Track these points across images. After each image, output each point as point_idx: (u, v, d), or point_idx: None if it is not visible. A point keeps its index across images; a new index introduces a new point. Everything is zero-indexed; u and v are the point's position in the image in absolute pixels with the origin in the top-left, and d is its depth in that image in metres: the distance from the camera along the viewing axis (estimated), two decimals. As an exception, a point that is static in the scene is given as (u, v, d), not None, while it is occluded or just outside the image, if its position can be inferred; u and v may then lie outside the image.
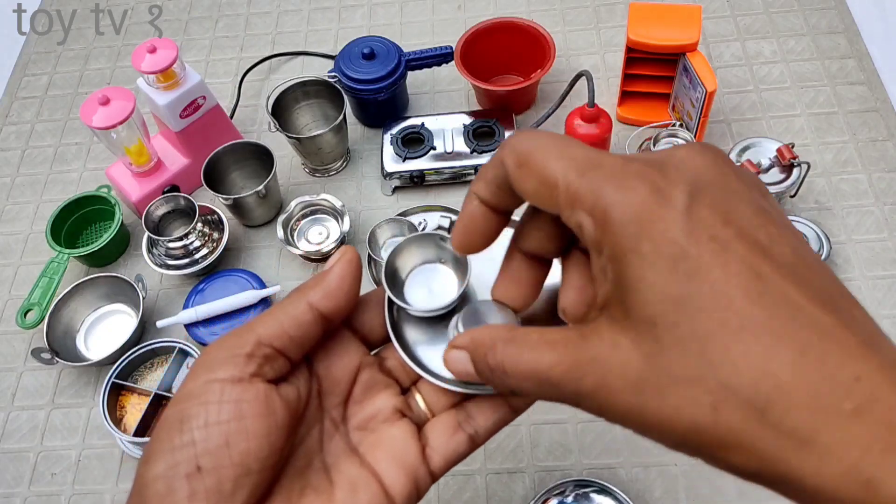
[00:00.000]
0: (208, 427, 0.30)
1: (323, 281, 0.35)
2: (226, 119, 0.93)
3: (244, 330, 0.33)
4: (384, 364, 0.38)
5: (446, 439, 0.36)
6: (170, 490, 0.29)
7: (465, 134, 0.89)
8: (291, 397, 0.33)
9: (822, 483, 0.22)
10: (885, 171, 0.87)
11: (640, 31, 0.82)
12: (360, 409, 0.36)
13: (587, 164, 0.26)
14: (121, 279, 0.84)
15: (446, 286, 0.40)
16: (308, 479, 0.33)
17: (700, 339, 0.23)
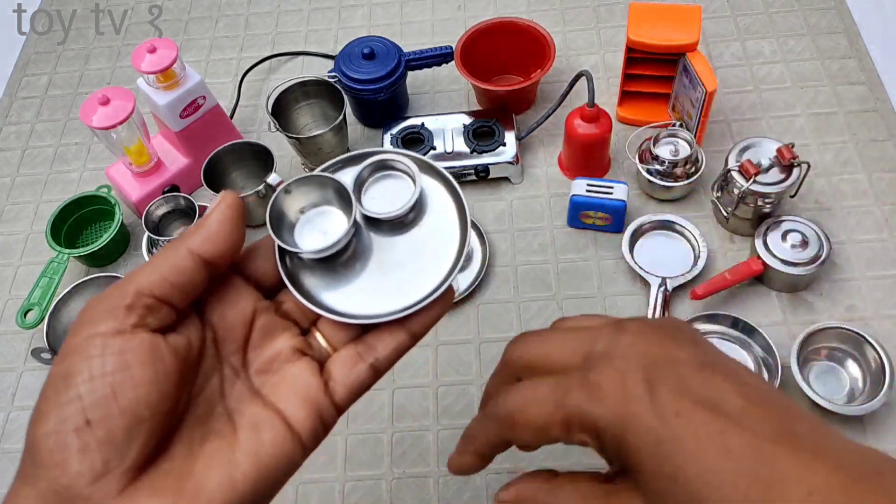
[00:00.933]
0: (93, 380, 0.30)
1: (202, 226, 0.35)
2: (226, 119, 0.93)
3: (123, 282, 0.33)
4: (281, 308, 0.38)
5: (347, 371, 0.36)
6: (61, 445, 0.29)
7: (465, 134, 0.89)
8: (180, 345, 0.33)
9: None
10: (885, 171, 0.87)
11: (640, 31, 0.82)
12: (260, 354, 0.37)
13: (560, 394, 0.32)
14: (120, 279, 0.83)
15: (337, 227, 0.40)
16: (210, 425, 0.34)
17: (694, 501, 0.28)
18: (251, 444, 0.33)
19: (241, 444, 0.33)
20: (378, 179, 0.42)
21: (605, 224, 0.84)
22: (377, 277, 0.39)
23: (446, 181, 0.42)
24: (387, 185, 0.42)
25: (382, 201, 0.41)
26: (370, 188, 0.42)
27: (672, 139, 0.84)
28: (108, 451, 0.29)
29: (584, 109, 0.83)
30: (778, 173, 0.77)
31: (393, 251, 0.40)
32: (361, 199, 0.41)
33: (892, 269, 0.80)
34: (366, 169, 0.41)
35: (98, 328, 0.31)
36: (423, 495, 0.72)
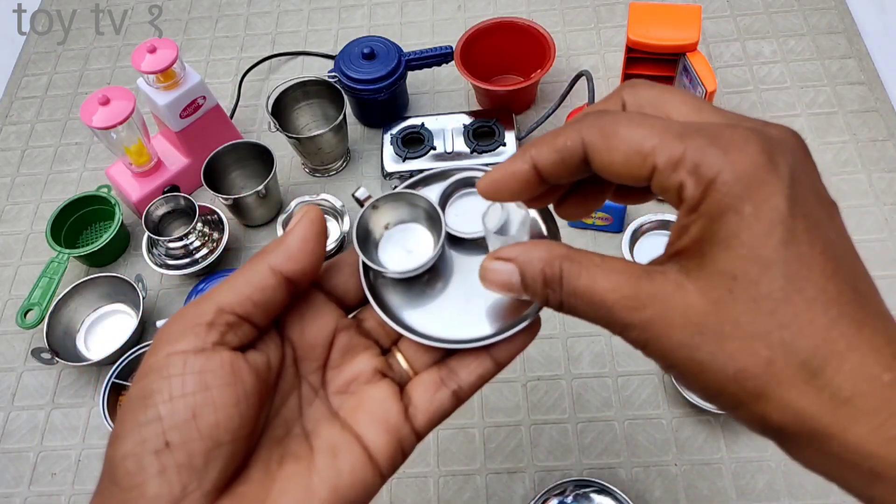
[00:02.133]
0: (173, 401, 0.29)
1: (284, 243, 0.34)
2: (226, 119, 0.93)
3: (204, 299, 0.32)
4: (362, 326, 0.37)
5: (429, 397, 0.35)
6: (139, 468, 0.28)
7: (465, 134, 0.89)
8: (260, 364, 0.32)
9: (850, 438, 0.24)
10: (885, 171, 0.87)
11: (640, 31, 0.82)
12: (339, 373, 0.36)
13: (685, 130, 0.27)
14: (121, 279, 0.84)
15: (421, 245, 0.39)
16: (287, 447, 0.33)
17: (776, 300, 0.25)
18: (329, 471, 0.32)
19: (318, 468, 0.32)
20: (462, 196, 0.41)
21: (605, 224, 0.84)
22: (462, 300, 0.38)
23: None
24: (471, 203, 0.41)
25: (467, 219, 0.39)
26: (453, 205, 0.41)
27: (672, 139, 0.84)
28: (187, 475, 0.29)
29: (584, 109, 0.83)
30: (778, 173, 0.77)
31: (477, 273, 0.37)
32: (445, 215, 0.39)
33: (892, 269, 0.80)
34: (451, 186, 0.40)
35: (178, 346, 0.30)
36: (423, 495, 0.72)
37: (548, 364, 0.77)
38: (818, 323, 0.25)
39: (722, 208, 0.26)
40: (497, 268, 0.32)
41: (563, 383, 0.76)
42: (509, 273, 0.31)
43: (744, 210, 0.26)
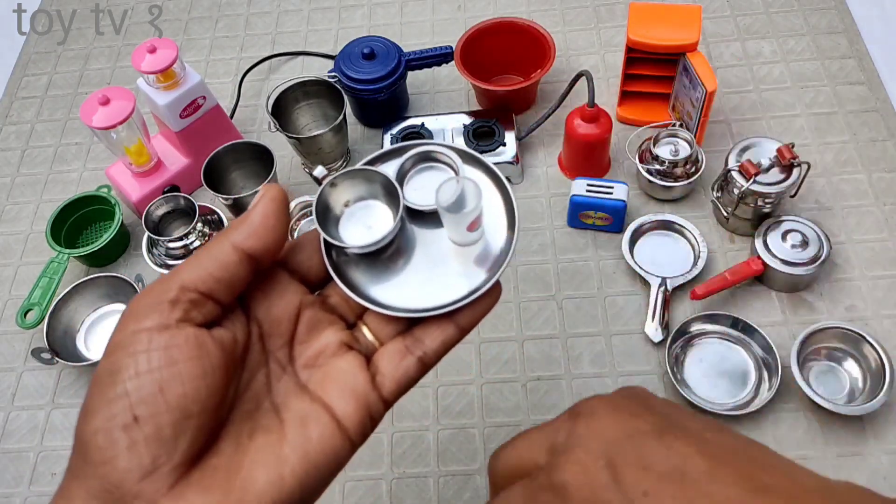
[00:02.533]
0: (140, 376, 0.30)
1: (246, 220, 0.34)
2: (226, 119, 0.93)
3: (167, 277, 0.33)
4: (327, 302, 0.38)
5: (395, 364, 0.36)
6: (109, 442, 0.29)
7: (465, 134, 0.89)
8: (226, 339, 0.33)
9: None
10: (885, 171, 0.87)
11: (640, 31, 0.82)
12: (307, 348, 0.36)
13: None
14: (121, 279, 0.84)
15: (381, 220, 0.40)
16: (257, 420, 0.34)
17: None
18: (299, 440, 0.33)
19: (289, 439, 0.33)
20: (420, 171, 0.42)
21: (605, 224, 0.84)
22: (424, 271, 0.39)
23: (491, 173, 0.41)
24: (429, 177, 0.42)
25: (425, 193, 0.40)
26: (412, 179, 0.42)
27: (672, 139, 0.84)
28: (156, 448, 0.29)
29: (584, 109, 0.83)
30: (778, 173, 0.77)
31: (438, 244, 0.40)
32: (404, 190, 0.41)
33: (892, 269, 0.80)
34: (408, 160, 0.41)
35: (142, 323, 0.31)
36: (423, 495, 0.72)
37: (548, 364, 0.77)
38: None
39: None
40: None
41: (563, 383, 0.76)
42: None
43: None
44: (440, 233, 0.40)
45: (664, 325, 0.77)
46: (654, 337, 0.76)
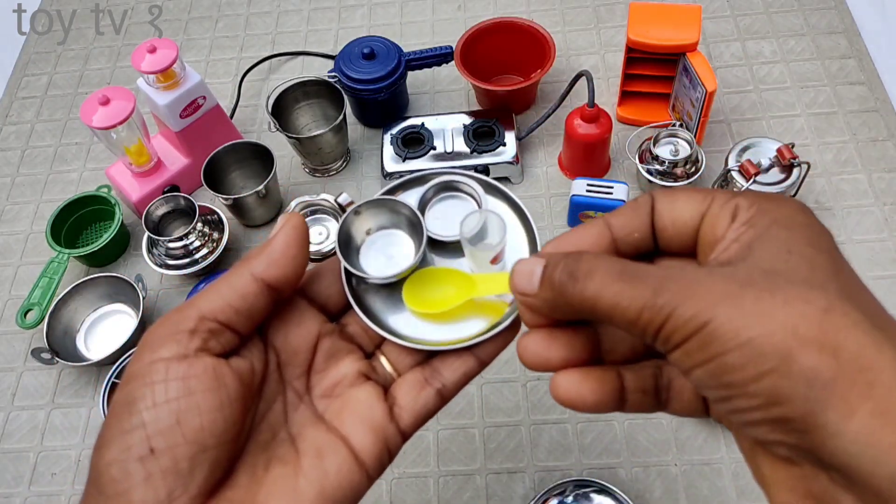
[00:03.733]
0: (157, 407, 0.29)
1: (266, 249, 0.34)
2: (226, 119, 0.93)
3: (186, 306, 0.32)
4: (345, 331, 0.38)
5: (414, 396, 0.36)
6: (125, 474, 0.28)
7: (465, 134, 0.89)
8: (244, 370, 0.32)
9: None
10: (885, 171, 0.87)
11: (640, 31, 0.82)
12: (324, 377, 0.36)
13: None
14: (121, 279, 0.84)
15: (403, 250, 0.40)
16: (273, 451, 0.33)
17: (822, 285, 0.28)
18: (315, 473, 0.32)
19: (305, 471, 0.32)
20: (442, 200, 0.42)
21: (605, 224, 0.84)
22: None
23: (513, 203, 0.41)
24: (451, 207, 0.42)
25: (447, 223, 0.40)
26: (434, 208, 0.42)
27: (672, 139, 0.84)
28: (172, 481, 0.29)
29: (584, 109, 0.83)
30: (778, 173, 0.77)
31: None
32: (426, 219, 0.40)
33: (892, 269, 0.80)
34: (430, 190, 0.41)
35: (160, 353, 0.30)
36: (423, 495, 0.72)
37: (548, 364, 0.77)
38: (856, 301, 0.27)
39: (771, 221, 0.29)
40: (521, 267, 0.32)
41: (563, 383, 0.76)
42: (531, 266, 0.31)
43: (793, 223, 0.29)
44: (461, 263, 0.40)
45: (664, 325, 0.77)
46: (654, 337, 0.76)
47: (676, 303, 0.27)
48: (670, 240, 0.32)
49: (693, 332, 0.27)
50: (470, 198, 0.42)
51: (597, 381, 0.32)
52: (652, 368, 0.34)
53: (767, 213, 0.29)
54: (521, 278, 0.32)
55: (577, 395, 0.32)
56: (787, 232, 0.29)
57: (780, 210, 0.30)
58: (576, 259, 0.30)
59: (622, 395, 0.33)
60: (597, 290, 0.29)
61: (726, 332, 0.26)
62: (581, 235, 0.33)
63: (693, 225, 0.31)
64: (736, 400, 0.26)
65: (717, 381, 0.27)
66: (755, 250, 0.28)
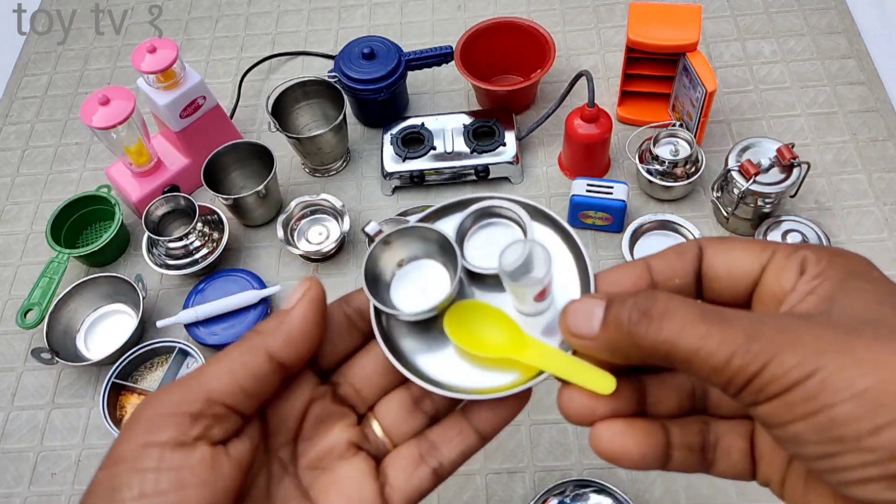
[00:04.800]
0: (144, 498, 0.27)
1: (283, 324, 0.31)
2: (226, 119, 0.93)
3: (193, 380, 0.30)
4: (337, 391, 0.35)
5: (407, 475, 0.33)
6: None
7: (465, 134, 0.89)
8: (243, 454, 0.30)
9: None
10: (885, 171, 0.87)
11: (640, 31, 0.82)
12: (312, 446, 0.33)
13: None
14: (121, 279, 0.84)
15: (438, 283, 0.35)
16: None
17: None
18: None
19: None
20: (483, 227, 0.37)
21: (605, 224, 0.84)
22: None
23: (563, 231, 0.37)
24: (493, 234, 0.37)
25: (488, 252, 0.35)
26: (474, 237, 0.37)
27: (672, 139, 0.84)
28: None
29: (584, 109, 0.83)
30: (778, 173, 0.77)
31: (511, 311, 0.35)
32: (465, 249, 0.36)
33: (892, 269, 0.80)
34: (469, 217, 0.37)
35: (156, 436, 0.28)
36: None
37: (548, 364, 0.77)
38: None
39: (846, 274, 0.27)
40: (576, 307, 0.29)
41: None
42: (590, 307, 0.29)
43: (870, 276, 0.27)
44: (504, 297, 0.35)
45: (664, 325, 0.77)
46: (654, 337, 0.76)
47: (775, 350, 0.25)
48: (722, 290, 0.30)
49: (797, 381, 0.25)
50: (515, 224, 0.37)
51: (642, 433, 0.30)
52: (699, 424, 0.32)
53: (839, 265, 0.28)
54: (578, 319, 0.29)
55: (621, 448, 0.30)
56: (868, 284, 0.27)
57: (851, 263, 0.28)
58: (649, 297, 0.28)
59: (667, 450, 0.31)
60: (677, 331, 0.27)
61: (837, 381, 0.24)
62: (620, 274, 0.32)
63: (752, 276, 0.30)
64: (846, 456, 0.24)
65: (824, 435, 0.24)
66: (839, 302, 0.26)
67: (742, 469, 0.31)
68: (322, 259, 0.87)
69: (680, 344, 0.26)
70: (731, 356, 0.25)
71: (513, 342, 0.34)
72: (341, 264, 0.87)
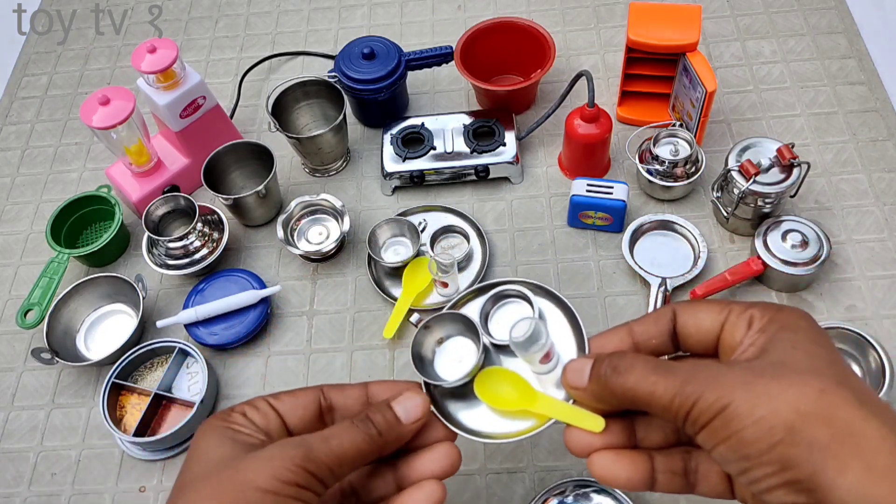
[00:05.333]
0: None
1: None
2: (226, 119, 0.93)
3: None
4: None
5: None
6: None
7: (465, 134, 0.89)
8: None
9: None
10: (885, 171, 0.87)
11: (640, 31, 0.82)
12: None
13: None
14: (121, 279, 0.84)
15: (470, 354, 0.48)
16: None
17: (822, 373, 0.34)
18: None
19: None
20: (501, 307, 0.52)
21: (605, 224, 0.84)
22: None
23: (561, 302, 0.49)
24: (509, 312, 0.51)
25: (506, 327, 0.48)
26: (495, 315, 0.52)
27: (672, 139, 0.84)
28: None
29: (584, 109, 0.83)
30: (778, 173, 0.77)
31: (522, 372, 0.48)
32: (489, 326, 0.50)
33: (892, 269, 0.80)
34: (487, 302, 0.51)
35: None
36: None
37: (548, 364, 0.77)
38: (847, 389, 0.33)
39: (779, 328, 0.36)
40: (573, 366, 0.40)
41: (563, 383, 0.76)
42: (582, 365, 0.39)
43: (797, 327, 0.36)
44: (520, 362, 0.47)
45: (664, 325, 0.77)
46: (654, 337, 0.76)
47: (702, 390, 0.33)
48: (695, 344, 0.39)
49: (716, 413, 0.33)
50: (524, 301, 0.50)
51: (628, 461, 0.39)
52: (682, 453, 0.40)
53: (776, 320, 0.36)
54: (573, 375, 0.40)
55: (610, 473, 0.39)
56: (793, 334, 0.35)
57: (787, 317, 0.36)
58: (619, 356, 0.38)
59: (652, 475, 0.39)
60: (636, 381, 0.36)
61: (743, 411, 0.32)
62: (607, 338, 0.41)
63: (714, 332, 0.38)
64: (755, 470, 0.32)
65: (737, 454, 0.32)
66: (767, 350, 0.35)
67: (721, 489, 0.39)
68: (322, 259, 0.87)
69: (638, 390, 0.36)
70: (673, 397, 0.34)
71: (525, 397, 0.46)
72: (341, 264, 0.87)
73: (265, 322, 0.82)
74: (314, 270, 0.87)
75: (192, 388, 0.79)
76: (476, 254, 0.84)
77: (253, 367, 0.80)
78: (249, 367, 0.81)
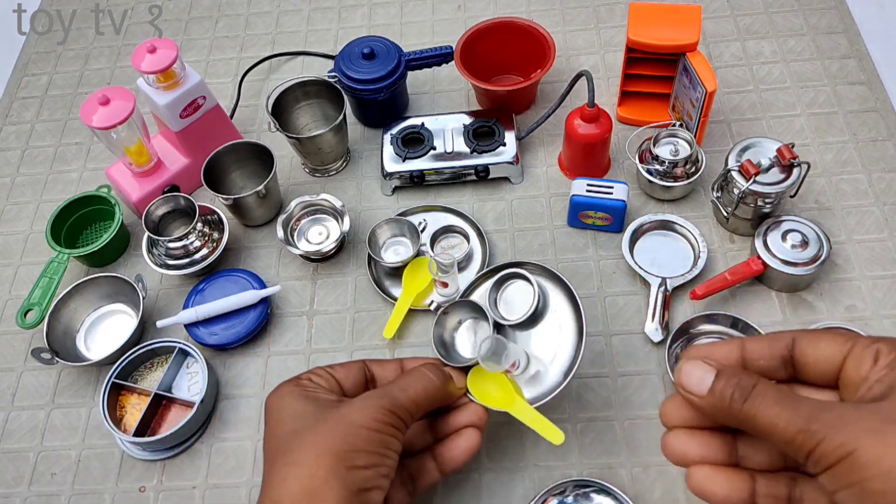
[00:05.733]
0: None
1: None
2: (226, 119, 0.93)
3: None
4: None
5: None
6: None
7: (465, 134, 0.89)
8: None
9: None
10: (885, 171, 0.87)
11: (640, 31, 0.82)
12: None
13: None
14: (121, 279, 0.84)
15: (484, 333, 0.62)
16: None
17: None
18: None
19: None
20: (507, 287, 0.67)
21: (605, 224, 0.84)
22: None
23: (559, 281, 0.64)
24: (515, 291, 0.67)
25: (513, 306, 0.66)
26: (502, 295, 0.67)
27: (672, 139, 0.84)
28: None
29: (584, 109, 0.83)
30: (778, 173, 0.77)
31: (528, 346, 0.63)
32: (498, 306, 0.67)
33: (892, 269, 0.80)
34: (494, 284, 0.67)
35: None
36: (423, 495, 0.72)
37: (548, 364, 0.77)
38: None
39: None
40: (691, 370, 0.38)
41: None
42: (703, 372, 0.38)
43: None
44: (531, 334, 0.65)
45: (664, 325, 0.77)
46: (653, 337, 0.76)
47: (826, 431, 0.33)
48: (814, 374, 0.39)
49: (840, 458, 0.32)
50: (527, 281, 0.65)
51: (726, 479, 0.38)
52: (787, 479, 0.39)
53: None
54: (692, 380, 0.38)
55: (707, 489, 0.38)
56: None
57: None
58: (747, 379, 0.37)
59: (752, 497, 0.38)
60: (760, 409, 0.35)
61: (869, 460, 0.31)
62: (716, 348, 0.40)
63: (836, 364, 0.37)
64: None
65: (862, 502, 0.32)
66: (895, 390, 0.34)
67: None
68: (322, 259, 0.87)
69: (760, 419, 0.35)
70: (797, 433, 0.34)
71: (505, 399, 0.61)
72: (341, 264, 0.87)
73: (265, 322, 0.82)
74: (314, 270, 0.87)
75: (192, 388, 0.79)
76: (476, 254, 0.84)
77: (253, 367, 0.80)
78: (249, 367, 0.81)
